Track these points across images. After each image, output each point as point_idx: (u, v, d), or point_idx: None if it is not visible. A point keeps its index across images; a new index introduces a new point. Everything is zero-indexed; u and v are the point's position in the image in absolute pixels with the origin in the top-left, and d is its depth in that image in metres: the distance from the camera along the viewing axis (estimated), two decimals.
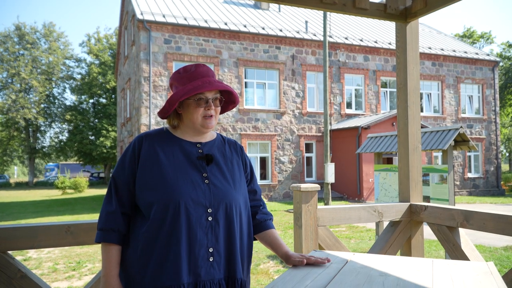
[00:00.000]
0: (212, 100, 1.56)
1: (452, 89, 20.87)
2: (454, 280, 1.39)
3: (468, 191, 20.51)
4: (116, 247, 1.48)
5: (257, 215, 1.71)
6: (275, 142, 17.64)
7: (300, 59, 18.28)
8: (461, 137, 6.25)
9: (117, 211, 1.49)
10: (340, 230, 9.62)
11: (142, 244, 1.44)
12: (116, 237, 1.48)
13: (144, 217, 1.47)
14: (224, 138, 1.73)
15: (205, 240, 1.46)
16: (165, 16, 16.32)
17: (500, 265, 6.05)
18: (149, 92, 15.70)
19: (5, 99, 36.17)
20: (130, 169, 1.52)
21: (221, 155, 1.63)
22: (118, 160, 1.59)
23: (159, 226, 1.43)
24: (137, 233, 1.47)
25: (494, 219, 2.31)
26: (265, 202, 1.83)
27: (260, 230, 1.70)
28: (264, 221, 1.71)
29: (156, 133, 1.60)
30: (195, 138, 1.62)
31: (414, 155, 2.90)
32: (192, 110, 1.55)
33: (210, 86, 1.53)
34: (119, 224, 1.48)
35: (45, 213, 14.47)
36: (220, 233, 1.49)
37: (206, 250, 1.46)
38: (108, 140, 34.63)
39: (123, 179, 1.52)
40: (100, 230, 1.49)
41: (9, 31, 37.66)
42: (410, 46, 2.91)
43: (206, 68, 1.61)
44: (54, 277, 5.97)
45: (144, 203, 1.47)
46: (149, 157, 1.51)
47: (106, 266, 1.47)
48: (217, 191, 1.52)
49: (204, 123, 1.56)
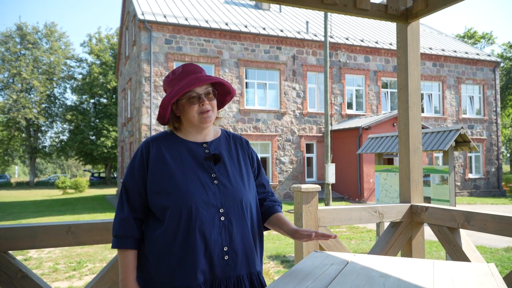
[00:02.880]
0: (204, 94, 1.55)
1: (453, 90, 20.85)
2: (455, 281, 1.39)
3: (469, 192, 20.49)
4: (132, 252, 1.51)
5: (265, 202, 1.72)
6: (276, 143, 17.64)
7: (301, 59, 18.28)
8: (462, 138, 6.24)
9: (129, 217, 1.51)
10: (341, 230, 9.61)
11: (159, 246, 1.47)
12: (131, 243, 1.50)
13: (159, 220, 1.50)
14: (229, 134, 1.73)
15: (219, 240, 1.49)
16: (166, 16, 16.33)
17: (501, 266, 6.04)
18: (150, 92, 15.71)
19: (6, 98, 36.23)
20: (140, 175, 1.53)
21: (227, 153, 1.64)
22: (127, 166, 1.59)
23: (174, 229, 1.45)
24: (152, 236, 1.50)
25: (495, 220, 2.31)
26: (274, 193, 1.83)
27: (268, 215, 1.70)
28: (272, 206, 1.72)
29: (162, 136, 1.60)
30: (199, 137, 1.62)
31: (415, 155, 2.90)
32: (187, 109, 1.55)
33: (198, 82, 1.53)
34: (132, 230, 1.51)
35: (46, 213, 14.48)
36: (233, 232, 1.52)
37: (221, 249, 1.49)
38: (109, 140, 34.67)
39: (134, 185, 1.53)
40: (115, 237, 1.52)
41: (10, 31, 37.74)
42: (411, 47, 2.91)
43: (194, 65, 1.61)
44: (55, 277, 5.97)
45: (158, 208, 1.49)
46: (157, 162, 1.52)
47: (123, 271, 1.50)
48: (226, 190, 1.53)
49: (202, 118, 1.55)
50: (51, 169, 73.23)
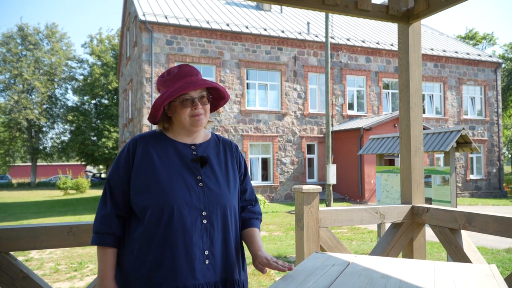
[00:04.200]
0: (198, 98, 1.54)
1: (454, 91, 20.83)
2: (456, 282, 1.39)
3: (470, 193, 20.45)
4: (112, 250, 1.49)
5: (243, 213, 1.68)
6: (277, 143, 17.64)
7: (302, 60, 18.28)
8: (463, 139, 6.23)
9: (111, 214, 1.49)
10: (342, 231, 9.61)
11: (138, 246, 1.44)
12: (112, 240, 1.48)
13: (139, 220, 1.47)
14: (219, 138, 1.71)
15: (201, 243, 1.46)
16: (167, 17, 16.35)
17: (502, 267, 6.03)
18: (151, 93, 15.72)
19: (7, 99, 36.27)
20: (125, 172, 1.51)
21: (215, 156, 1.62)
22: (113, 162, 1.58)
23: (154, 230, 1.43)
24: (132, 235, 1.47)
25: (496, 221, 2.31)
26: (259, 201, 1.81)
27: (243, 228, 1.66)
28: (249, 219, 1.67)
29: (150, 135, 1.58)
30: (188, 139, 1.60)
31: (416, 156, 2.89)
32: (179, 111, 1.53)
33: (192, 86, 1.51)
34: (114, 227, 1.48)
35: (47, 214, 14.49)
36: (215, 236, 1.49)
37: (201, 252, 1.46)
38: (110, 141, 34.69)
39: (118, 182, 1.51)
40: (95, 233, 1.49)
41: (12, 32, 37.78)
42: (412, 48, 2.91)
43: (190, 67, 1.58)
44: (56, 277, 5.97)
45: (139, 207, 1.46)
46: (143, 160, 1.50)
47: (101, 268, 1.48)
48: (211, 194, 1.51)
49: (193, 122, 1.54)
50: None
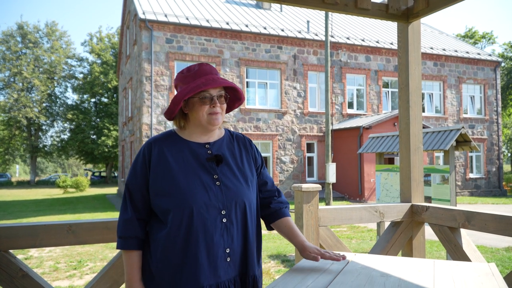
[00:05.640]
0: (216, 97, 1.54)
1: (454, 89, 20.83)
2: (456, 281, 1.39)
3: (470, 192, 20.47)
4: (137, 253, 1.51)
5: (271, 204, 1.70)
6: (277, 142, 17.64)
7: (302, 59, 18.27)
8: (462, 138, 6.23)
9: (133, 218, 1.51)
10: (341, 230, 9.62)
11: (162, 248, 1.47)
12: (135, 243, 1.50)
13: (161, 222, 1.49)
14: (232, 134, 1.71)
15: (222, 242, 1.48)
16: (167, 16, 16.33)
17: (501, 266, 6.04)
18: (150, 92, 15.71)
19: (7, 98, 36.26)
20: (142, 176, 1.52)
21: (230, 153, 1.62)
22: (130, 167, 1.59)
23: (177, 232, 1.45)
24: (155, 237, 1.49)
25: (496, 220, 2.31)
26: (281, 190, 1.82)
27: (275, 219, 1.70)
28: (279, 209, 1.70)
29: (164, 137, 1.59)
30: (203, 138, 1.60)
31: (415, 155, 2.89)
32: (197, 108, 1.53)
33: (213, 83, 1.52)
34: (136, 231, 1.51)
35: (47, 212, 14.50)
36: (235, 233, 1.51)
37: (223, 251, 1.48)
38: (110, 139, 34.70)
39: (136, 186, 1.53)
40: (119, 238, 1.52)
41: (11, 30, 37.75)
42: (412, 46, 2.91)
43: (210, 66, 1.60)
44: (55, 276, 5.98)
45: (160, 210, 1.49)
46: (159, 163, 1.51)
47: (128, 271, 1.50)
48: (229, 192, 1.52)
49: (210, 120, 1.54)
50: (51, 168, 73.36)
